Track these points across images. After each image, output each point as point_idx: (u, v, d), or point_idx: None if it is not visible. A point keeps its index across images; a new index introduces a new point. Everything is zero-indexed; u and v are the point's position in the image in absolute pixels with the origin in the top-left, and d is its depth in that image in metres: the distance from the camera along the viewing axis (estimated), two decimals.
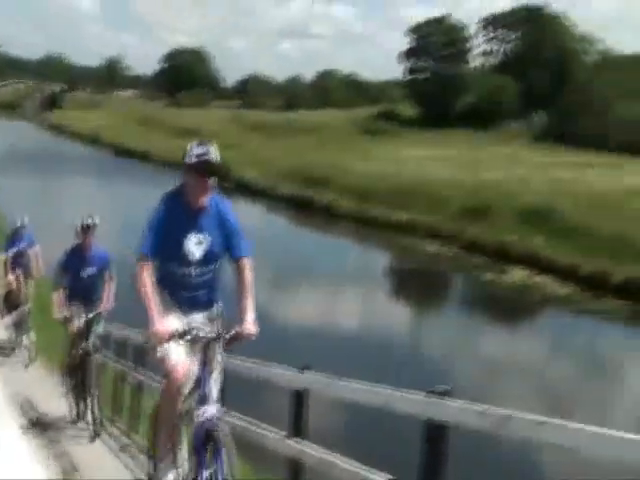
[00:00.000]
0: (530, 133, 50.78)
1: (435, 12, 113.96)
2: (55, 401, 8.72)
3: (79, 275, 7.81)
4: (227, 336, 4.05)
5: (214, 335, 4.04)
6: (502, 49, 64.99)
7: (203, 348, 4.02)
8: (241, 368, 5.98)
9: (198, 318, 4.24)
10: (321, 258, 26.95)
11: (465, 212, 28.20)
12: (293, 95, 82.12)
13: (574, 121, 45.51)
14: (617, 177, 30.43)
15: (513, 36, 64.03)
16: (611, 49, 61.40)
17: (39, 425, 7.92)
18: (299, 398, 4.74)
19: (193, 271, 4.15)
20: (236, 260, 4.18)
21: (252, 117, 66.54)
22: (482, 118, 53.17)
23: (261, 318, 4.10)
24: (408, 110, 63.09)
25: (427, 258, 26.20)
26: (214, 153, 4.05)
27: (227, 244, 4.18)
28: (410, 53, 64.97)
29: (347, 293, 22.22)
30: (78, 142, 67.87)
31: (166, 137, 58.28)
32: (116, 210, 34.97)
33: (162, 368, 4.21)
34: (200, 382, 4.03)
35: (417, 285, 24.80)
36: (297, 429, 4.72)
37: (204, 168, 4.01)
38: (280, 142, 49.58)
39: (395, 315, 20.29)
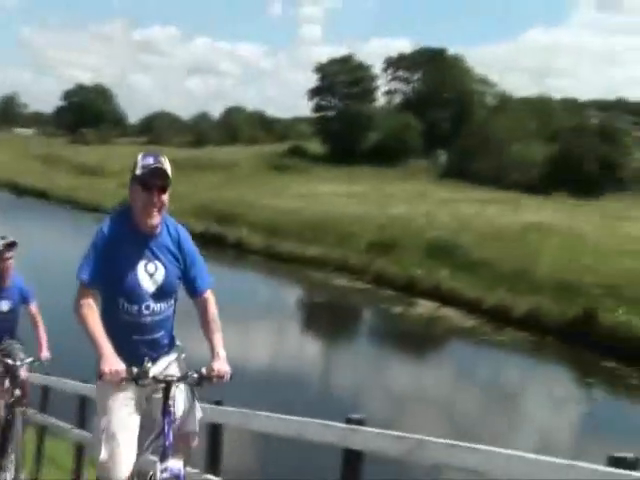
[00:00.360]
0: (434, 170, 52.41)
1: (340, 51, 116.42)
2: None
3: None
4: (195, 376, 3.41)
5: (178, 376, 3.43)
6: (406, 89, 66.99)
7: (165, 392, 3.34)
8: None
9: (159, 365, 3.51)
10: (231, 293, 26.78)
11: (373, 246, 28.74)
12: (201, 132, 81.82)
13: (472, 160, 47.53)
14: (514, 213, 31.84)
15: (415, 77, 66.12)
16: (506, 92, 64.37)
17: None
18: (214, 433, 4.71)
19: (145, 310, 3.41)
20: (199, 294, 3.55)
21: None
22: (388, 155, 54.46)
23: None
24: (316, 147, 63.91)
25: (337, 292, 26.47)
26: (165, 163, 3.35)
27: (184, 275, 3.51)
28: (316, 91, 66.02)
29: (258, 327, 22.16)
30: None
31: (68, 174, 57.12)
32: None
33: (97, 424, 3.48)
34: (160, 434, 3.33)
35: (328, 318, 24.99)
36: (213, 464, 4.69)
37: (155, 178, 3.31)
38: (189, 179, 49.16)
39: (306, 348, 20.39)
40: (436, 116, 59.04)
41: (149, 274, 3.40)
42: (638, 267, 21.39)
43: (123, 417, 3.40)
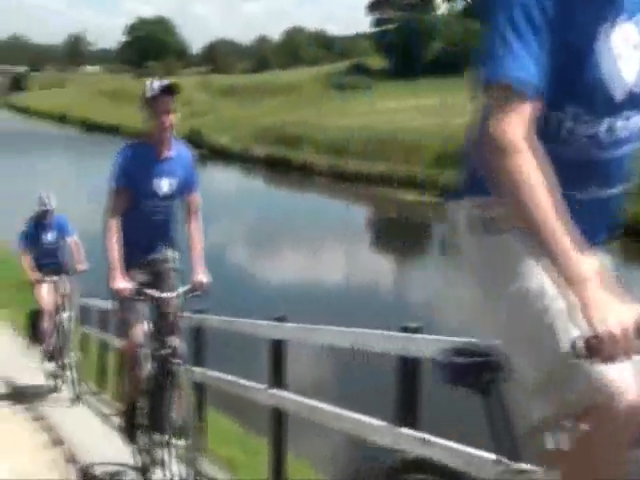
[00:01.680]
0: None
1: None
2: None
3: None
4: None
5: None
6: None
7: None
8: (220, 324, 6.03)
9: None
10: (300, 216, 26.94)
11: (440, 159, 28.19)
12: (262, 56, 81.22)
13: None
14: None
15: None
16: None
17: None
18: (277, 348, 4.77)
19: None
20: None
21: (222, 82, 65.90)
22: (452, 65, 52.87)
23: (244, 278, 4.03)
24: (378, 62, 62.60)
25: (406, 208, 26.26)
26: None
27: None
28: (375, 5, 64.34)
29: (328, 248, 22.27)
30: (46, 121, 66.98)
31: (136, 109, 57.64)
32: (84, 182, 34.69)
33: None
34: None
35: (397, 235, 24.89)
36: (277, 379, 4.76)
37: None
38: (252, 104, 49.13)
39: (377, 266, 20.38)
40: None
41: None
42: None
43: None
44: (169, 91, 3.95)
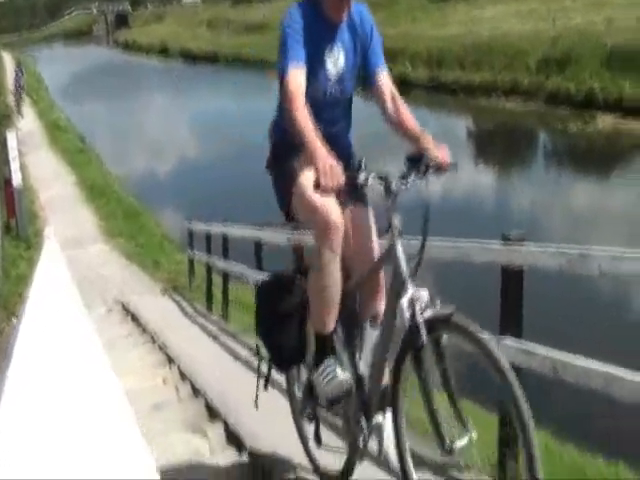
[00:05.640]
0: None
1: None
2: None
3: None
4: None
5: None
6: None
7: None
8: None
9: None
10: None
11: (545, 64, 26.95)
12: None
13: None
14: None
15: None
16: None
17: None
18: None
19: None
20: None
21: None
22: None
23: None
24: None
25: (508, 117, 25.42)
26: None
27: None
28: None
29: None
30: (148, 55, 68.19)
31: (234, 35, 57.86)
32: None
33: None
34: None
35: (500, 145, 24.22)
36: None
37: None
38: None
39: (481, 176, 19.93)
40: None
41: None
42: None
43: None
44: None
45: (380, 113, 3.19)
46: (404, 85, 32.76)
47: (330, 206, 2.85)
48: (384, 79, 3.18)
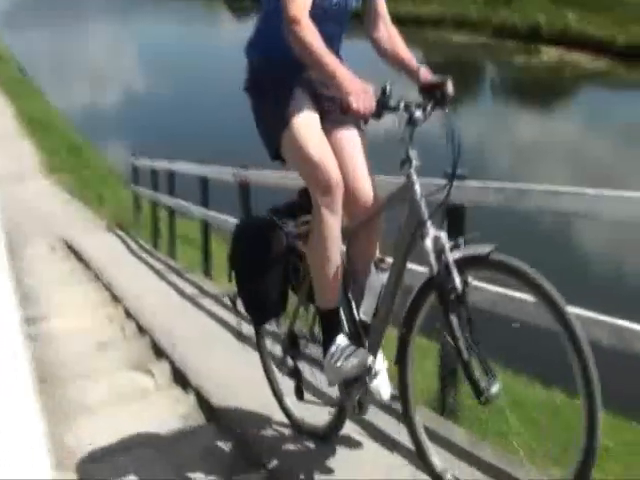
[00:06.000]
0: None
1: None
2: None
3: None
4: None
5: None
6: None
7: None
8: None
9: None
10: (348, 62, 26.28)
11: None
12: None
13: None
14: None
15: None
16: None
17: None
18: None
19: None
20: None
21: None
22: None
23: None
24: None
25: (456, 49, 25.34)
26: None
27: None
28: None
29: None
30: None
31: None
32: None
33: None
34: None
35: (450, 77, 24.08)
36: None
37: None
38: None
39: None
40: None
41: None
42: None
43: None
44: None
45: (370, 43, 2.91)
46: (353, 18, 32.29)
47: (330, 161, 2.55)
48: (381, 3, 2.90)
